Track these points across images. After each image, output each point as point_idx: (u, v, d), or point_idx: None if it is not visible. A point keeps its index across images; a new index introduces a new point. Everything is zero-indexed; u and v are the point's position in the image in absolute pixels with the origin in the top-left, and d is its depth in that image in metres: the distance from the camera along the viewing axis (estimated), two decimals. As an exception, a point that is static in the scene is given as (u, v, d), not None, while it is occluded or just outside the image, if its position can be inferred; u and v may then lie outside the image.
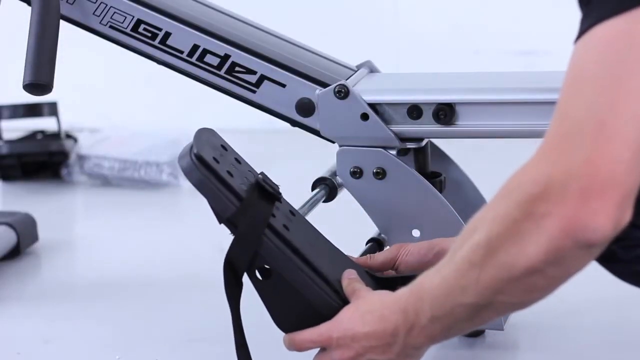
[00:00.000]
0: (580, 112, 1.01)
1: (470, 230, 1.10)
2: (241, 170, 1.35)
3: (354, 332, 1.23)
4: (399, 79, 1.66)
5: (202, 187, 1.30)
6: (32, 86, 1.55)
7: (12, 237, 2.05)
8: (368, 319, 1.22)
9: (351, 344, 1.23)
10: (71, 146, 2.76)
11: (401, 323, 1.18)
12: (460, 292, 1.11)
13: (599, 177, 0.99)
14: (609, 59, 1.01)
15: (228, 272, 1.30)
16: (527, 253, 1.03)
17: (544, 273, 1.04)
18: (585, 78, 1.02)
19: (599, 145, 0.99)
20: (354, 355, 1.23)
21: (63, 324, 1.76)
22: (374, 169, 1.54)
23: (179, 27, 1.60)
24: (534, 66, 3.05)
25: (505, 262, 1.05)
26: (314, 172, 1.59)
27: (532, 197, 1.02)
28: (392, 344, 1.20)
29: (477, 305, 1.11)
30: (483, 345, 1.62)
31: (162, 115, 3.22)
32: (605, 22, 1.02)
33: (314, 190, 1.57)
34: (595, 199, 0.99)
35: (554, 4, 2.47)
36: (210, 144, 1.34)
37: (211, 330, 1.68)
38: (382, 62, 1.72)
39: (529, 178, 1.03)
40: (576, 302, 1.78)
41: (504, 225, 1.04)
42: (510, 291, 1.08)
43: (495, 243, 1.05)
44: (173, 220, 2.48)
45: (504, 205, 1.05)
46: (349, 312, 1.26)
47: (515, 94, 1.48)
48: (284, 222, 1.33)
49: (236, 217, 1.29)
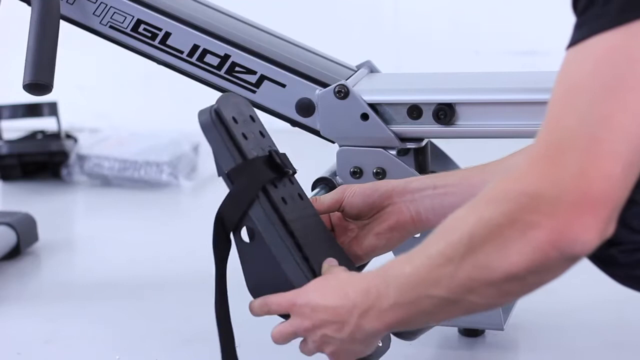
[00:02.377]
0: (573, 124, 1.01)
1: (448, 228, 1.10)
2: (261, 141, 1.36)
3: (314, 303, 1.23)
4: (399, 79, 1.66)
5: (211, 139, 1.31)
6: (32, 86, 1.55)
7: (12, 237, 2.05)
8: (330, 293, 1.22)
9: (310, 314, 1.23)
10: (71, 146, 2.76)
11: (359, 302, 1.18)
12: (431, 284, 1.11)
13: (590, 193, 0.99)
14: (605, 73, 1.00)
15: (218, 227, 1.30)
16: (509, 259, 1.04)
17: (524, 280, 1.05)
18: (579, 90, 1.01)
19: (591, 160, 0.99)
20: (310, 326, 1.23)
21: (63, 324, 1.76)
22: (374, 169, 1.54)
23: (179, 27, 1.60)
24: (534, 66, 3.04)
25: (485, 264, 1.05)
26: (314, 172, 1.59)
27: (519, 206, 1.02)
28: (346, 323, 1.20)
29: (446, 299, 1.11)
30: (483, 345, 1.62)
31: (162, 115, 3.22)
32: (602, 35, 1.01)
33: (314, 190, 1.57)
34: (585, 214, 0.99)
35: (554, 4, 2.46)
36: (237, 108, 1.35)
37: (211, 330, 1.67)
38: (382, 62, 1.72)
39: (519, 188, 1.02)
40: (576, 302, 1.78)
41: (487, 229, 1.05)
42: (483, 293, 1.08)
43: (477, 244, 1.06)
44: (173, 220, 2.48)
45: (489, 211, 1.05)
46: (316, 283, 1.26)
47: (515, 94, 1.48)
48: (284, 196, 1.34)
49: (235, 173, 1.30)
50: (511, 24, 3.14)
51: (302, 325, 1.24)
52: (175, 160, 2.68)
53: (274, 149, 1.37)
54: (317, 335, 1.23)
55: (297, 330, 1.25)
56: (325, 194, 1.41)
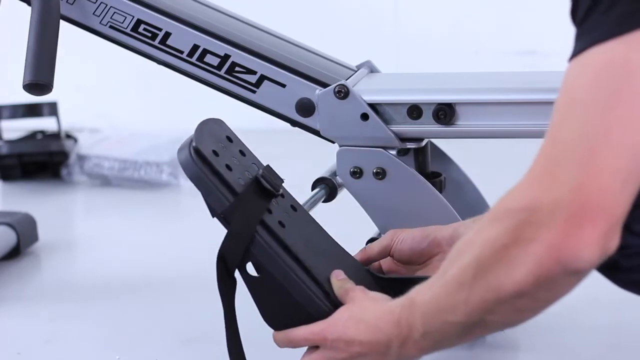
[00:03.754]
0: (571, 138, 1.01)
1: (459, 252, 1.11)
2: (244, 163, 1.35)
3: (348, 337, 1.24)
4: (399, 79, 1.66)
5: (197, 181, 1.31)
6: (32, 86, 1.55)
7: (12, 237, 2.05)
8: (363, 328, 1.23)
9: (345, 347, 1.24)
10: (71, 146, 2.76)
11: (395, 336, 1.19)
12: (449, 311, 1.12)
13: (587, 206, 0.99)
14: (603, 86, 1.00)
15: (220, 266, 1.31)
16: (516, 277, 1.04)
17: (533, 296, 1.05)
18: (577, 103, 1.02)
19: (589, 175, 0.99)
20: (347, 357, 1.24)
21: (63, 324, 1.76)
22: (374, 169, 1.54)
23: (179, 27, 1.60)
24: (534, 66, 3.05)
25: (494, 284, 1.06)
26: (314, 172, 1.59)
27: (520, 222, 1.02)
28: (386, 354, 1.21)
29: (466, 324, 1.12)
30: (483, 345, 1.62)
31: (162, 115, 3.22)
32: (601, 46, 1.01)
33: (314, 190, 1.57)
34: (582, 228, 0.99)
35: (554, 4, 2.46)
36: (213, 135, 1.34)
37: (211, 330, 1.68)
38: (382, 62, 1.72)
39: (518, 203, 1.03)
40: (576, 302, 1.78)
41: (493, 249, 1.05)
42: (499, 312, 1.09)
43: (485, 266, 1.06)
44: (173, 220, 2.48)
45: (493, 230, 1.05)
46: (343, 316, 1.26)
47: (515, 94, 1.48)
48: (280, 219, 1.33)
49: (229, 213, 1.30)
50: (511, 24, 3.15)
51: (337, 357, 1.25)
52: (175, 160, 2.68)
53: (259, 171, 1.35)
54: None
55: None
56: (374, 242, 1.43)
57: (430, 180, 1.55)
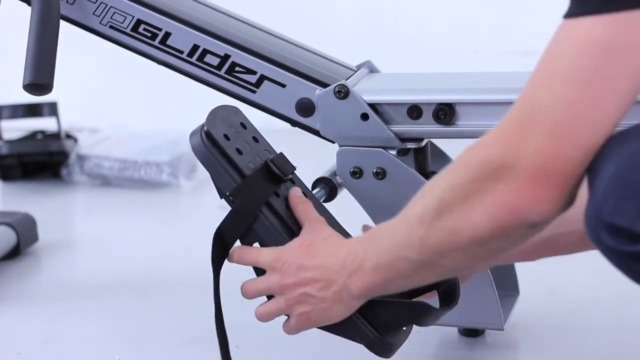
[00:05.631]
0: (544, 105, 1.07)
1: (425, 192, 1.18)
2: (256, 149, 1.39)
3: (301, 261, 1.28)
4: (399, 79, 1.66)
5: (207, 163, 1.34)
6: (32, 86, 1.55)
7: (12, 237, 2.05)
8: (319, 252, 1.28)
9: (295, 272, 1.28)
10: (71, 146, 2.76)
11: (349, 263, 1.24)
12: (405, 246, 1.18)
13: (548, 169, 1.06)
14: (583, 63, 1.05)
15: (216, 242, 1.34)
16: (473, 224, 1.11)
17: (488, 245, 1.13)
18: (557, 74, 1.07)
19: (554, 142, 1.06)
20: (292, 283, 1.28)
21: (63, 324, 1.76)
22: (374, 169, 1.54)
23: (179, 27, 1.60)
24: (534, 66, 3.04)
25: (452, 228, 1.13)
26: (314, 172, 1.59)
27: (483, 174, 1.09)
28: (333, 283, 1.25)
29: (419, 262, 1.18)
30: (483, 345, 1.62)
31: (162, 115, 3.22)
32: (591, 18, 1.05)
33: (314, 190, 1.57)
34: (540, 187, 1.07)
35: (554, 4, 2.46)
36: (226, 121, 1.37)
37: (211, 330, 1.67)
38: (382, 62, 1.72)
39: (484, 155, 1.10)
40: (576, 302, 1.78)
41: (454, 194, 1.12)
42: (452, 256, 1.16)
43: (445, 209, 1.13)
44: (173, 220, 2.48)
45: (457, 176, 1.12)
46: (302, 242, 1.31)
47: (515, 94, 1.47)
48: (288, 203, 1.36)
49: (235, 194, 1.32)
50: (511, 24, 3.14)
51: (281, 282, 1.29)
52: (175, 160, 2.68)
53: (270, 156, 1.37)
54: (296, 293, 1.28)
55: (273, 287, 1.30)
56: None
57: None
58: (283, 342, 1.61)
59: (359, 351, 1.37)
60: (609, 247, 1.04)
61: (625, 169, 1.03)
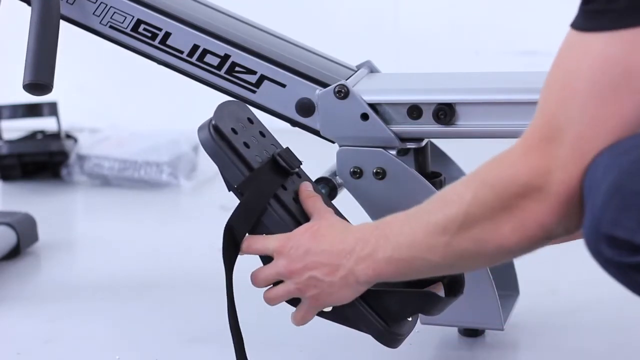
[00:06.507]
0: (565, 119, 1.08)
1: (447, 201, 1.19)
2: (263, 143, 1.41)
3: (308, 246, 1.29)
4: (399, 79, 1.66)
5: (215, 156, 1.36)
6: (32, 86, 1.55)
7: (12, 237, 2.05)
8: (327, 237, 1.29)
9: (303, 256, 1.29)
10: (71, 146, 2.76)
11: (358, 249, 1.25)
12: (427, 249, 1.20)
13: (574, 187, 1.08)
14: (603, 82, 1.06)
15: (227, 236, 1.35)
16: (502, 236, 1.13)
17: (513, 253, 1.17)
18: (578, 93, 1.08)
19: (577, 158, 1.08)
20: (301, 267, 1.29)
21: (63, 324, 1.77)
22: (374, 169, 1.54)
23: (179, 27, 1.60)
24: (534, 66, 3.04)
25: (479, 238, 1.15)
26: (314, 172, 1.59)
27: (512, 193, 1.11)
28: (339, 267, 1.27)
29: (439, 264, 1.20)
30: (483, 345, 1.62)
31: (162, 115, 3.22)
32: (604, 34, 1.05)
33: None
34: (568, 205, 1.09)
35: (555, 4, 2.46)
36: (234, 116, 1.39)
37: (211, 330, 1.68)
38: (382, 62, 1.72)
39: (512, 175, 1.12)
40: (576, 302, 1.78)
41: (482, 210, 1.14)
42: (475, 262, 1.20)
43: (472, 222, 1.15)
44: (173, 220, 2.48)
45: (484, 192, 1.14)
46: (310, 229, 1.32)
47: (515, 94, 1.48)
48: (295, 196, 1.38)
49: (243, 186, 1.34)
50: (511, 24, 3.14)
51: (289, 266, 1.30)
52: (175, 160, 2.68)
53: (277, 150, 1.39)
54: (304, 277, 1.29)
55: (282, 271, 1.31)
56: None
57: (430, 180, 1.55)
58: (283, 342, 1.61)
59: (359, 351, 1.37)
60: (608, 259, 1.04)
61: (623, 179, 1.03)
